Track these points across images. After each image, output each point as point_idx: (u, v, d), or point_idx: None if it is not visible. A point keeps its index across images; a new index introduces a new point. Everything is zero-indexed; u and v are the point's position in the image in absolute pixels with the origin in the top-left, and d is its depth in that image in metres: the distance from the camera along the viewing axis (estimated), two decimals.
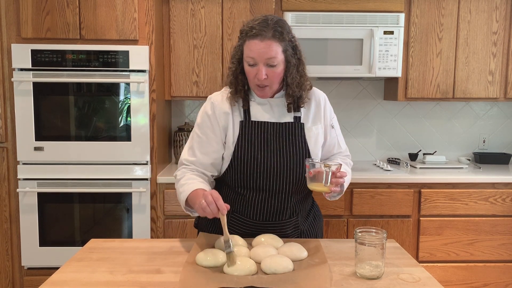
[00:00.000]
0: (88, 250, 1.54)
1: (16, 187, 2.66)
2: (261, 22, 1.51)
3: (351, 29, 2.82)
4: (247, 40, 1.52)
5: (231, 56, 1.63)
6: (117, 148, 2.64)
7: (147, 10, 2.61)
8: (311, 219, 1.74)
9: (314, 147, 1.64)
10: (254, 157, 1.57)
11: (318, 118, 1.67)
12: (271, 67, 1.52)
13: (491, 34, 2.95)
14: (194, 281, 1.24)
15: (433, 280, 1.32)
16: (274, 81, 1.55)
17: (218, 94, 1.68)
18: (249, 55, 1.52)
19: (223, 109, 1.63)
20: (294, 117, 1.63)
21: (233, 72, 1.60)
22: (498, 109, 3.38)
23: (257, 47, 1.49)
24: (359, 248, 1.32)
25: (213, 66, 2.89)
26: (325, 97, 1.73)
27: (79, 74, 2.58)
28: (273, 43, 1.49)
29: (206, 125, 1.64)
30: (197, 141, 1.64)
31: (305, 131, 1.63)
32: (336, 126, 1.76)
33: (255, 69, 1.53)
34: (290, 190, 1.61)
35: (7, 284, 2.72)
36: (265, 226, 1.63)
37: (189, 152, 1.66)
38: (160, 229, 2.71)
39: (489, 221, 2.77)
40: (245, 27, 1.54)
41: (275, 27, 1.50)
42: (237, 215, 1.65)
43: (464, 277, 2.79)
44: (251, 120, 1.61)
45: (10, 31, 2.60)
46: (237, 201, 1.64)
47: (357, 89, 3.31)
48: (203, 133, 1.64)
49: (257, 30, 1.49)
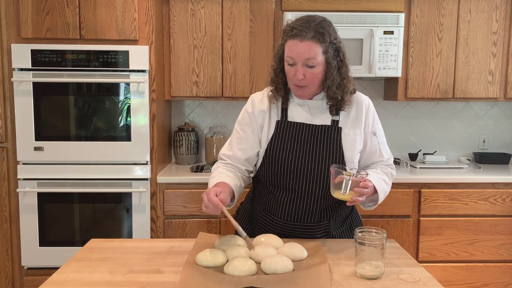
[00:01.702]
0: (88, 250, 1.54)
1: (16, 187, 2.66)
2: (303, 22, 1.52)
3: (351, 29, 2.82)
4: (288, 39, 1.53)
5: (273, 54, 1.66)
6: (117, 148, 2.64)
7: (147, 10, 2.61)
8: (347, 226, 1.72)
9: (350, 153, 1.60)
10: (285, 157, 1.58)
11: (358, 123, 1.64)
12: (309, 67, 1.52)
13: (491, 34, 2.95)
14: (194, 281, 1.24)
15: (433, 280, 1.32)
16: (312, 82, 1.55)
17: (259, 93, 1.72)
18: (288, 55, 1.53)
19: (261, 107, 1.66)
20: (332, 121, 1.62)
21: (274, 70, 1.63)
22: (498, 109, 3.38)
23: (297, 47, 1.50)
24: (359, 248, 1.32)
25: (213, 66, 2.89)
26: (369, 102, 1.70)
27: (79, 74, 2.58)
28: (313, 44, 1.49)
29: (245, 122, 1.69)
30: (236, 137, 1.70)
31: (341, 135, 1.60)
32: (380, 134, 1.69)
33: (294, 68, 1.53)
34: (320, 193, 1.59)
35: (7, 284, 2.72)
36: (294, 227, 1.62)
37: (228, 147, 1.72)
38: (160, 229, 2.71)
39: (489, 221, 2.77)
40: (287, 26, 1.55)
41: (316, 28, 1.49)
42: (268, 214, 1.67)
43: (464, 277, 2.78)
44: (287, 120, 1.63)
45: (10, 31, 2.60)
46: (268, 199, 1.66)
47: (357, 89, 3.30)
48: (242, 130, 1.69)
49: (297, 30, 1.50)
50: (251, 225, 1.73)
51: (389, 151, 1.74)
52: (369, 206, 1.63)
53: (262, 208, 1.69)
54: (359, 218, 1.80)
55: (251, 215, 1.75)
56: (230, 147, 1.70)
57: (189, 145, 3.06)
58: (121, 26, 2.59)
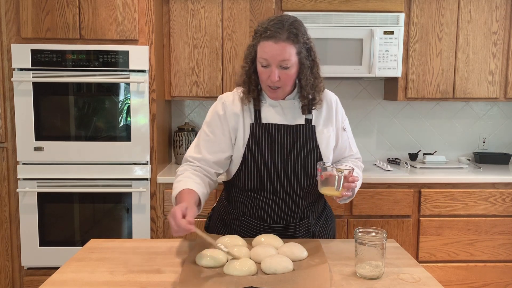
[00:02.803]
0: (88, 250, 1.54)
1: (16, 187, 2.66)
2: (276, 23, 1.48)
3: (351, 29, 2.82)
4: (261, 41, 1.50)
5: (244, 55, 1.61)
6: (117, 148, 2.64)
7: (147, 10, 2.61)
8: (323, 221, 1.73)
9: (325, 150, 1.62)
10: (264, 160, 1.56)
11: (330, 120, 1.66)
12: (284, 69, 1.50)
13: (491, 34, 2.95)
14: (194, 281, 1.24)
15: (433, 280, 1.32)
16: (286, 83, 1.54)
17: (230, 94, 1.67)
18: (262, 56, 1.50)
19: (233, 110, 1.61)
20: (305, 120, 1.62)
21: (246, 72, 1.58)
22: (498, 109, 3.38)
23: (271, 49, 1.47)
24: (359, 248, 1.32)
25: (213, 66, 2.89)
26: (337, 99, 1.71)
27: (79, 74, 2.58)
28: (287, 45, 1.47)
29: (216, 124, 1.62)
30: (205, 140, 1.63)
31: (316, 133, 1.61)
32: (348, 129, 1.73)
33: (268, 70, 1.51)
34: (301, 193, 1.60)
35: (7, 284, 2.72)
36: (276, 228, 1.62)
37: (195, 149, 1.64)
38: (160, 229, 2.71)
39: (489, 221, 2.77)
40: (260, 27, 1.52)
41: (290, 29, 1.47)
42: (248, 218, 1.64)
43: (464, 277, 2.78)
44: (262, 122, 1.60)
45: (10, 31, 2.60)
46: (247, 204, 1.63)
47: (357, 89, 3.31)
48: (212, 132, 1.62)
49: (271, 32, 1.47)
50: (228, 231, 1.68)
51: (356, 145, 1.79)
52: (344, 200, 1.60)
53: (240, 214, 1.65)
54: (332, 212, 1.82)
55: (226, 221, 1.70)
56: (198, 150, 1.63)
57: (189, 145, 3.06)
58: (121, 26, 2.59)
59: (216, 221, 1.76)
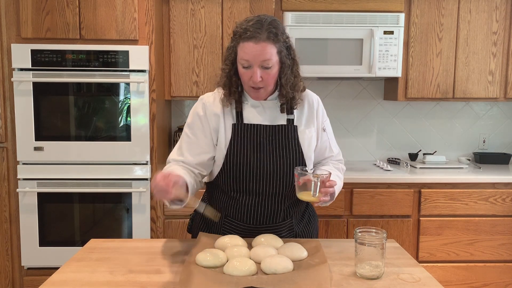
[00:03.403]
0: (88, 250, 1.54)
1: (16, 187, 2.66)
2: (255, 23, 1.48)
3: (351, 29, 2.82)
4: (241, 42, 1.50)
5: (224, 57, 1.60)
6: (117, 148, 2.64)
7: (147, 10, 2.61)
8: (306, 221, 1.74)
9: (307, 150, 1.62)
10: (246, 160, 1.56)
11: (311, 120, 1.66)
12: (265, 69, 1.50)
13: (491, 34, 2.95)
14: (194, 281, 1.24)
15: (433, 280, 1.32)
16: (269, 83, 1.54)
17: (210, 95, 1.66)
18: (243, 58, 1.50)
19: (214, 111, 1.60)
20: (287, 120, 1.62)
21: (226, 74, 1.57)
22: (498, 109, 3.38)
23: (252, 49, 1.47)
24: (359, 248, 1.32)
25: (213, 66, 2.89)
26: (318, 100, 1.71)
27: (79, 74, 2.58)
28: (268, 45, 1.47)
29: (197, 126, 1.61)
30: (186, 141, 1.62)
31: (298, 133, 1.61)
32: (328, 130, 1.72)
33: (250, 71, 1.51)
34: (283, 193, 1.60)
35: (7, 284, 2.72)
36: (259, 229, 1.61)
37: (177, 152, 1.63)
38: (160, 229, 2.71)
39: (489, 221, 2.77)
40: (239, 28, 1.52)
41: (269, 29, 1.47)
42: (230, 219, 1.64)
43: (464, 277, 2.78)
44: (244, 122, 1.59)
45: (10, 31, 2.60)
46: (230, 205, 1.63)
47: (357, 89, 3.31)
48: (193, 134, 1.62)
49: (251, 32, 1.47)
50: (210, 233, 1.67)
51: (337, 146, 1.77)
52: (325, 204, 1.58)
53: (223, 215, 1.64)
54: (314, 211, 1.81)
55: (209, 222, 1.69)
56: (180, 152, 1.61)
57: None
58: (121, 26, 2.59)
59: (199, 222, 1.74)
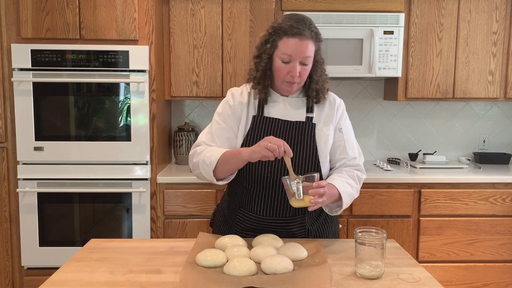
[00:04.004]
0: (88, 250, 1.54)
1: (16, 187, 2.66)
2: (299, 21, 1.55)
3: (351, 29, 2.82)
4: (285, 37, 1.55)
5: (258, 52, 1.64)
6: (117, 148, 2.63)
7: (147, 10, 2.61)
8: (322, 221, 1.72)
9: (323, 148, 1.65)
10: None
11: (330, 120, 1.69)
12: (304, 65, 1.58)
13: (491, 34, 2.95)
14: (194, 281, 1.24)
15: (433, 280, 1.32)
16: (303, 79, 1.62)
17: (239, 88, 1.75)
18: (286, 52, 1.55)
19: (240, 100, 1.68)
20: (306, 117, 1.66)
21: (262, 68, 1.62)
22: (498, 109, 3.38)
23: (296, 45, 1.53)
24: (359, 248, 1.32)
25: (213, 66, 2.89)
26: (341, 102, 1.75)
27: (79, 74, 2.58)
28: (310, 43, 1.55)
29: (227, 113, 1.68)
30: (216, 127, 1.68)
31: (316, 131, 1.65)
32: (346, 131, 1.71)
33: (289, 66, 1.57)
34: None
35: (7, 284, 2.72)
36: (269, 222, 1.64)
37: (207, 136, 1.68)
38: (160, 229, 2.71)
39: (489, 221, 2.76)
40: (283, 24, 1.56)
41: (311, 28, 1.56)
42: (243, 211, 1.68)
43: (464, 277, 2.78)
44: (264, 115, 1.65)
45: (10, 31, 2.60)
46: (243, 195, 1.68)
47: (357, 89, 3.31)
48: (223, 121, 1.68)
49: (296, 29, 1.53)
50: (227, 225, 1.73)
51: (358, 152, 1.72)
52: (336, 212, 1.61)
53: (237, 206, 1.70)
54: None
55: (226, 215, 1.75)
56: (211, 137, 1.67)
57: (189, 145, 3.06)
58: (121, 26, 2.59)
59: (219, 216, 1.80)
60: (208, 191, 2.68)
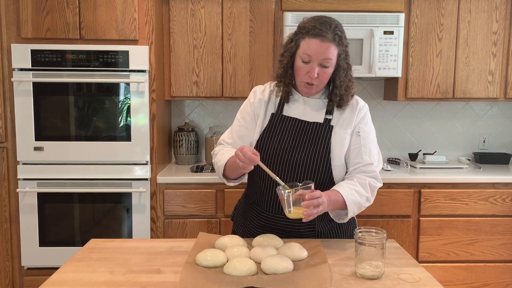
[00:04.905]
0: (88, 250, 1.54)
1: (16, 187, 2.66)
2: (323, 23, 1.55)
3: (351, 29, 2.82)
4: (307, 37, 1.55)
5: (283, 49, 1.65)
6: (117, 148, 2.64)
7: (147, 10, 2.61)
8: (335, 224, 1.69)
9: (338, 151, 1.62)
10: (273, 150, 1.62)
11: (349, 123, 1.66)
12: (323, 67, 1.57)
13: (491, 34, 2.95)
14: (194, 281, 1.24)
15: (433, 280, 1.32)
16: (322, 81, 1.60)
17: (262, 85, 1.78)
18: (306, 52, 1.55)
19: (260, 97, 1.72)
20: (324, 119, 1.65)
21: (284, 65, 1.63)
22: (498, 109, 3.38)
23: (316, 46, 1.53)
24: (359, 248, 1.32)
25: (213, 66, 2.89)
26: (364, 106, 1.71)
27: (79, 74, 2.58)
28: (332, 46, 1.54)
29: (247, 111, 1.73)
30: (237, 125, 1.73)
31: (332, 133, 1.63)
32: (364, 136, 1.65)
33: (308, 66, 1.57)
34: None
35: (7, 284, 2.72)
36: (278, 220, 1.65)
37: (228, 134, 1.76)
38: (160, 229, 2.71)
39: (489, 221, 2.76)
40: (307, 24, 1.57)
41: (335, 31, 1.55)
42: (255, 207, 1.71)
43: (464, 277, 2.78)
44: (282, 114, 1.67)
45: (10, 31, 2.60)
46: (256, 192, 1.71)
47: (357, 89, 3.30)
48: (242, 118, 1.73)
49: (319, 30, 1.53)
50: (244, 220, 1.76)
51: (376, 158, 1.67)
52: (343, 219, 1.60)
53: (251, 202, 1.74)
54: (353, 218, 1.76)
55: (244, 211, 1.79)
56: (231, 135, 1.74)
57: (189, 145, 3.06)
58: (121, 26, 2.59)
59: (238, 210, 1.84)
60: (208, 191, 2.68)
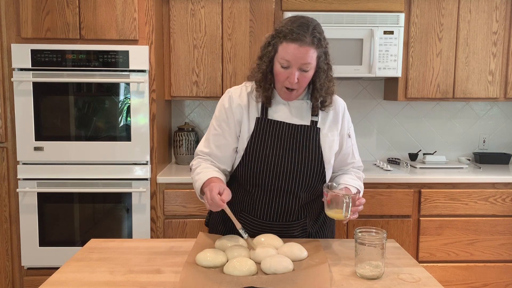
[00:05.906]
0: (88, 250, 1.54)
1: (16, 187, 2.66)
2: (300, 25, 1.50)
3: (351, 29, 2.82)
4: (285, 42, 1.50)
5: (261, 53, 1.61)
6: (117, 148, 2.64)
7: (147, 10, 2.61)
8: (321, 222, 1.73)
9: (328, 153, 1.63)
10: (265, 155, 1.58)
11: (335, 125, 1.67)
12: (303, 71, 1.52)
13: (491, 34, 2.95)
14: (194, 281, 1.24)
15: (433, 280, 1.32)
16: (302, 86, 1.57)
17: (238, 88, 1.69)
18: (284, 57, 1.51)
19: (239, 102, 1.64)
20: (311, 121, 1.63)
21: (263, 71, 1.59)
22: (498, 109, 3.38)
23: (295, 51, 1.49)
24: (359, 248, 1.32)
25: (213, 66, 2.89)
26: (345, 106, 1.74)
27: (79, 74, 2.58)
28: (311, 49, 1.50)
29: (222, 118, 1.65)
30: (213, 134, 1.67)
31: (320, 136, 1.62)
32: (353, 136, 1.75)
33: (287, 71, 1.53)
34: (298, 192, 1.61)
35: (7, 284, 2.72)
36: (272, 226, 1.63)
37: (205, 143, 1.69)
38: (160, 229, 2.71)
39: (489, 221, 2.76)
40: (284, 28, 1.52)
41: (313, 33, 1.50)
42: (245, 214, 1.66)
43: (464, 277, 2.78)
44: (268, 118, 1.62)
45: (10, 31, 2.60)
46: (245, 199, 1.66)
47: (357, 89, 3.31)
48: (219, 126, 1.65)
49: (296, 34, 1.48)
50: (226, 227, 1.68)
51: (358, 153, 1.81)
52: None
53: (238, 209, 1.67)
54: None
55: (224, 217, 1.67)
56: (207, 144, 1.67)
57: (189, 145, 3.06)
58: (121, 26, 2.59)
59: (216, 216, 1.76)
60: None
